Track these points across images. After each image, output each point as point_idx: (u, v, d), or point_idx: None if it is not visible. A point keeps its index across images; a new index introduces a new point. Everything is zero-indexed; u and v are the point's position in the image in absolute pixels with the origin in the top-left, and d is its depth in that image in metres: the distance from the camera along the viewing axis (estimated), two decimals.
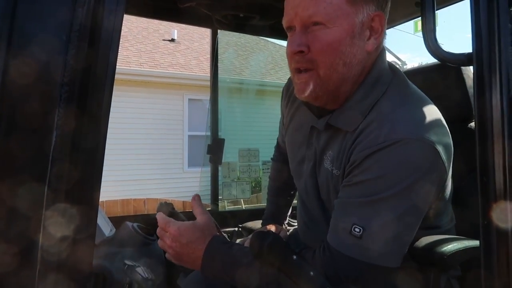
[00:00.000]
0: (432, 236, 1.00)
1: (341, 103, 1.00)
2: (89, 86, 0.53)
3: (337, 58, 0.93)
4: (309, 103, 1.05)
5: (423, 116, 0.92)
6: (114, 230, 1.48)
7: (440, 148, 0.88)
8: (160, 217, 1.03)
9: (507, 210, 0.70)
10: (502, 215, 0.71)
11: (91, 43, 0.52)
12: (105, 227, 1.41)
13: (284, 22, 0.98)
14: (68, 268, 0.53)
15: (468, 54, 0.76)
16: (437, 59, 0.82)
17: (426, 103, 0.97)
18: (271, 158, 1.58)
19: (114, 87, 0.57)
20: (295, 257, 0.83)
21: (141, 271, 1.05)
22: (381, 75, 0.99)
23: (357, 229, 0.86)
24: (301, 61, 0.95)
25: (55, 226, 0.50)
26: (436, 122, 0.94)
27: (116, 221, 1.61)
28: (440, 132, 0.92)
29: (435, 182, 0.92)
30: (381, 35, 0.98)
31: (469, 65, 0.79)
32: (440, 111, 1.01)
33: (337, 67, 0.94)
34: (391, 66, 1.04)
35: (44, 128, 0.49)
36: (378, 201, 0.87)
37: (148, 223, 1.64)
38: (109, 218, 1.64)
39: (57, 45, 0.50)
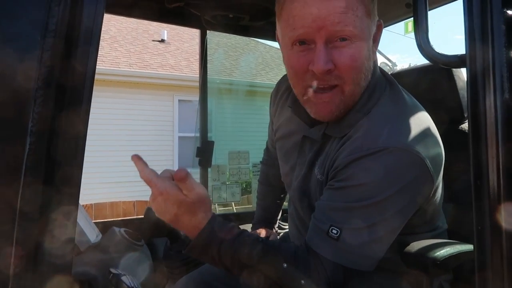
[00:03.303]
0: (424, 240, 0.99)
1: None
2: (67, 90, 0.50)
3: (361, 73, 0.91)
4: (299, 111, 1.02)
5: (412, 125, 0.90)
6: (100, 235, 1.44)
7: (427, 159, 0.86)
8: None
9: (502, 214, 0.69)
10: (496, 218, 0.69)
11: (69, 44, 0.49)
12: (91, 233, 1.37)
13: (297, 35, 0.88)
14: (44, 276, 0.50)
15: (461, 55, 0.74)
16: (429, 60, 0.80)
17: (417, 111, 0.96)
18: (260, 161, 1.56)
19: (104, 88, 0.54)
20: (285, 265, 0.81)
21: (127, 279, 1.02)
22: (377, 83, 0.98)
23: (334, 231, 0.85)
24: (328, 79, 0.89)
25: (30, 239, 0.47)
26: (426, 131, 0.92)
27: (105, 225, 1.58)
28: (430, 142, 0.91)
29: (419, 193, 0.90)
30: (378, 43, 0.98)
31: (462, 67, 0.77)
32: (432, 113, 0.99)
33: (360, 81, 0.92)
34: (382, 71, 1.03)
35: (17, 134, 0.46)
36: (358, 208, 0.86)
37: (136, 228, 1.61)
38: (97, 221, 1.61)
39: (31, 46, 0.46)
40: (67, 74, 0.50)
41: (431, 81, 1.42)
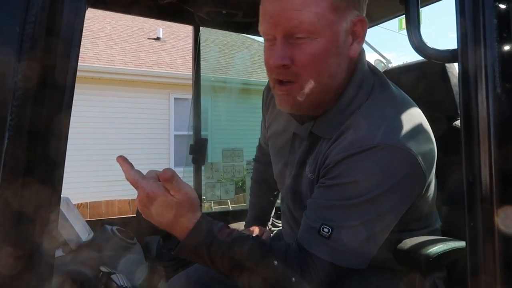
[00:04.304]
0: (417, 237, 0.98)
1: (325, 109, 0.97)
2: (47, 84, 0.48)
3: (323, 70, 0.90)
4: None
5: (404, 122, 0.89)
6: (92, 234, 1.43)
7: (419, 156, 0.85)
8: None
9: (494, 210, 0.68)
10: (488, 215, 0.69)
11: (49, 36, 0.48)
12: (83, 231, 1.36)
13: (261, 31, 0.92)
14: (26, 276, 0.49)
15: (453, 50, 0.74)
16: (421, 55, 0.79)
17: (408, 107, 0.95)
18: (253, 159, 1.55)
19: (99, 86, 0.52)
20: (276, 262, 0.80)
21: (117, 278, 1.00)
22: (363, 79, 0.96)
23: (325, 229, 0.85)
24: (284, 73, 0.90)
25: (9, 238, 0.46)
26: (418, 128, 0.91)
27: (102, 224, 1.56)
28: (421, 139, 0.90)
29: (411, 190, 0.90)
30: (363, 39, 0.95)
31: (454, 62, 0.76)
32: (425, 110, 0.98)
33: (322, 79, 0.90)
34: (370, 67, 1.01)
35: None
36: (349, 206, 0.85)
37: (131, 226, 1.60)
38: (93, 220, 1.59)
39: (8, 38, 0.45)
40: (47, 68, 0.48)
41: (424, 77, 1.41)
